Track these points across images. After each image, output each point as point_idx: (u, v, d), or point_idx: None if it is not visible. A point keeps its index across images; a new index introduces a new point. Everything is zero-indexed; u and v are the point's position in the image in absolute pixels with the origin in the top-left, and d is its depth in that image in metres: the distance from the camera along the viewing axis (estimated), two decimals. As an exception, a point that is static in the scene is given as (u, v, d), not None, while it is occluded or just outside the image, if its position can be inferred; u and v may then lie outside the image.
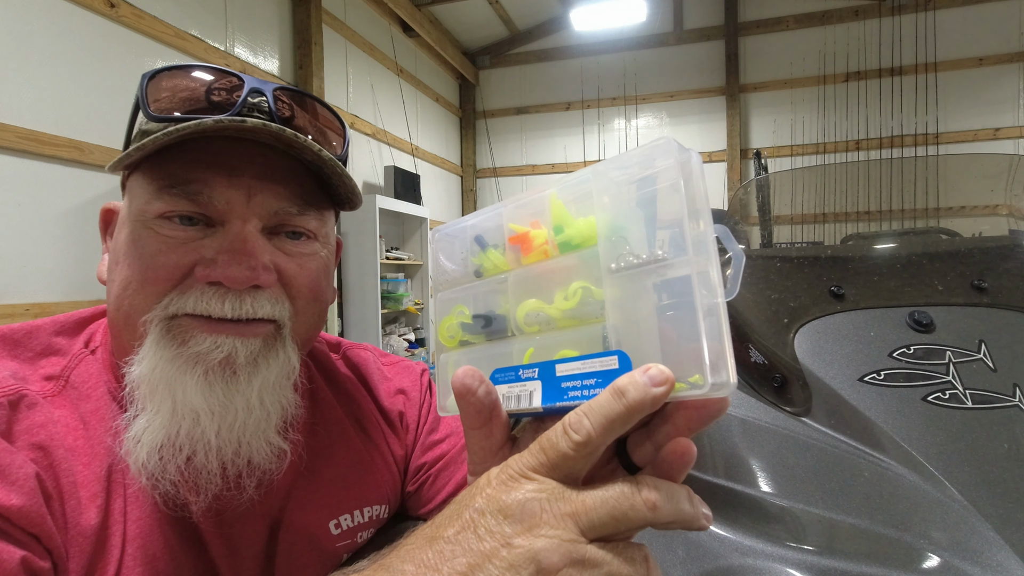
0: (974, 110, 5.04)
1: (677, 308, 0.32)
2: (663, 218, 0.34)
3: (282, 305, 0.51)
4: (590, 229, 0.36)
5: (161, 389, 0.47)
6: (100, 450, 0.49)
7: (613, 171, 0.36)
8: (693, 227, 0.32)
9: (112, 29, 2.68)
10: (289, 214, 0.52)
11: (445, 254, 0.45)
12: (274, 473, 0.53)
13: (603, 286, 0.35)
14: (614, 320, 0.35)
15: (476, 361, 0.41)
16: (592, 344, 0.36)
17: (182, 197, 0.48)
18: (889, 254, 1.22)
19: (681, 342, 0.32)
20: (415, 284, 5.06)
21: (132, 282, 0.48)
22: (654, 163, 0.34)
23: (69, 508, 0.46)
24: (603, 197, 0.37)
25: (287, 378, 0.53)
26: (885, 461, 0.78)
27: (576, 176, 0.38)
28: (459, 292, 0.44)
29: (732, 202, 2.26)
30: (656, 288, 0.33)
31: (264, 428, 0.51)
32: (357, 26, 4.55)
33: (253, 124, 0.47)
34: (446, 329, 0.44)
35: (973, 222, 1.62)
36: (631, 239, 0.35)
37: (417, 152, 5.32)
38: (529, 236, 0.39)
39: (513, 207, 0.41)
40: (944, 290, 1.02)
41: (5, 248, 2.25)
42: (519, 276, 0.40)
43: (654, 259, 0.33)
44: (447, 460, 0.69)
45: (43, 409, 0.48)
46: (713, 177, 5.70)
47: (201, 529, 0.52)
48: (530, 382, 0.38)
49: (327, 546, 0.60)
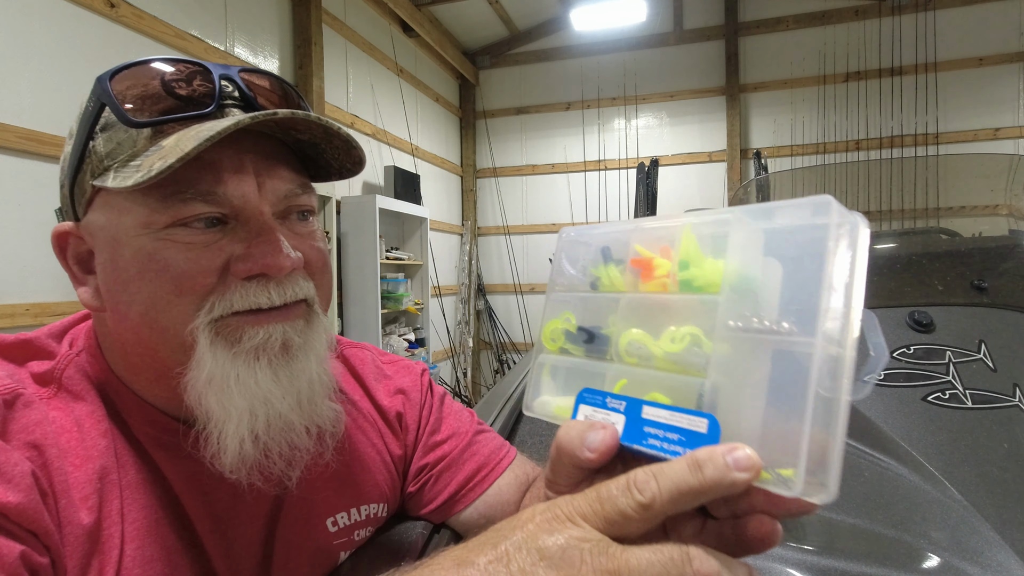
0: (974, 110, 5.04)
1: (789, 389, 0.29)
2: (803, 283, 0.30)
3: (309, 284, 0.53)
4: (716, 275, 0.34)
5: (233, 387, 0.48)
6: (93, 452, 0.49)
7: (758, 218, 0.33)
8: (835, 302, 0.28)
9: (112, 29, 2.67)
10: (295, 195, 0.53)
11: (568, 257, 0.44)
12: (339, 432, 0.58)
13: (714, 339, 0.33)
14: (716, 380, 0.32)
15: (571, 373, 0.41)
16: (686, 396, 0.34)
17: (197, 201, 0.47)
18: (889, 254, 1.22)
19: (783, 428, 0.29)
20: (415, 284, 5.06)
21: (162, 297, 0.47)
22: (810, 219, 0.30)
23: (63, 506, 0.46)
24: (738, 243, 0.33)
25: (330, 348, 0.56)
26: (885, 461, 0.78)
27: (716, 213, 0.36)
28: (571, 297, 0.43)
29: (732, 202, 2.25)
30: (772, 358, 0.30)
31: (324, 396, 0.54)
32: (357, 26, 4.54)
33: (284, 115, 0.47)
34: (550, 331, 0.44)
35: (973, 222, 1.62)
36: (759, 297, 0.32)
37: (417, 152, 5.32)
38: (652, 264, 0.38)
39: (644, 228, 0.40)
40: (944, 290, 1.02)
41: (5, 248, 2.25)
42: (632, 301, 0.39)
43: (778, 329, 0.30)
44: (448, 461, 0.69)
45: (38, 409, 0.48)
46: (713, 177, 5.70)
47: (198, 530, 0.52)
48: (615, 413, 0.37)
49: (324, 544, 0.60)
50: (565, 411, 0.41)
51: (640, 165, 4.42)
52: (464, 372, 6.03)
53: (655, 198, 4.32)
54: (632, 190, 5.21)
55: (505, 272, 6.36)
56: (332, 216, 3.80)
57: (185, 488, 0.52)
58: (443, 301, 5.49)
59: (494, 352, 6.38)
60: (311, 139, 0.52)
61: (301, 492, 0.59)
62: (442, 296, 5.44)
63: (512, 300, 6.33)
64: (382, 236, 4.26)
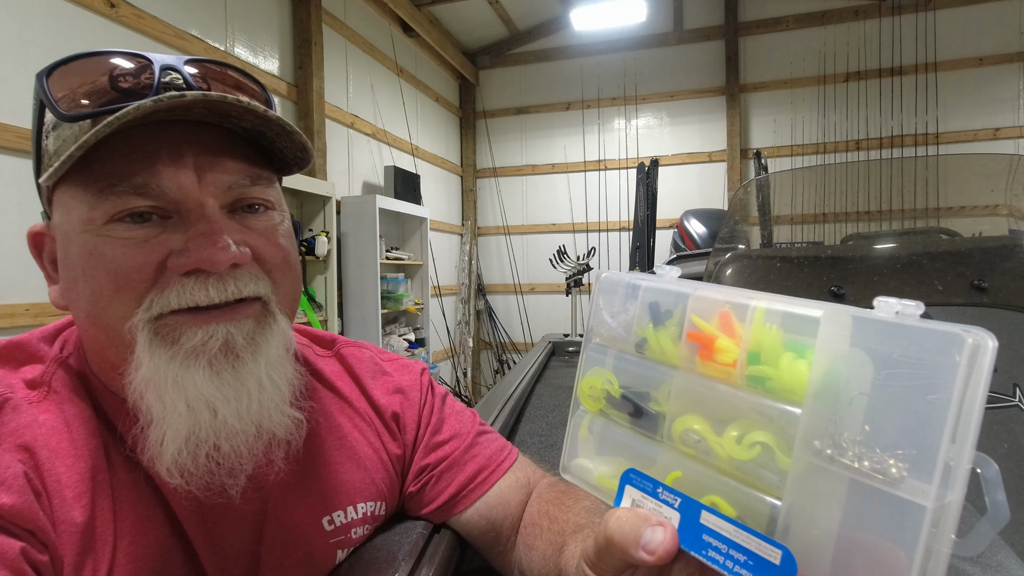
0: (974, 110, 5.04)
1: (886, 535, 0.25)
2: (914, 415, 0.25)
3: (262, 281, 0.51)
4: (798, 383, 0.28)
5: (170, 389, 0.46)
6: (84, 452, 0.49)
7: (866, 330, 0.27)
8: (954, 450, 0.24)
9: (112, 29, 2.67)
10: (243, 187, 0.50)
11: (608, 306, 0.39)
12: (298, 442, 0.54)
13: (793, 457, 0.28)
14: (793, 505, 0.28)
15: (615, 445, 0.37)
16: (753, 513, 0.30)
17: (130, 194, 0.45)
18: (889, 254, 1.22)
19: (864, 569, 0.25)
20: (415, 284, 5.06)
21: (103, 293, 0.46)
22: (927, 350, 0.25)
23: (56, 506, 0.46)
24: (826, 339, 0.28)
25: (287, 350, 0.53)
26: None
27: (803, 307, 0.30)
28: (614, 355, 0.38)
29: (732, 202, 2.26)
30: (865, 498, 0.26)
31: (278, 402, 0.51)
32: (357, 26, 4.54)
33: (194, 97, 0.43)
34: (588, 388, 0.39)
35: (973, 222, 1.62)
36: (841, 397, 0.27)
37: (417, 152, 5.32)
38: (714, 345, 0.32)
39: (704, 298, 0.34)
40: (944, 290, 1.02)
41: (5, 248, 2.25)
42: (688, 383, 0.34)
43: (883, 472, 0.25)
44: (450, 462, 0.69)
45: (27, 412, 0.48)
46: (713, 177, 5.70)
47: (186, 528, 0.52)
48: (667, 507, 0.33)
49: (320, 542, 0.60)
50: (607, 482, 0.37)
51: (640, 165, 4.42)
52: (464, 372, 6.03)
53: (655, 198, 4.32)
54: (632, 190, 5.21)
55: (505, 272, 6.36)
56: (332, 216, 3.80)
57: (171, 486, 0.52)
58: (443, 301, 5.49)
59: (494, 352, 6.38)
60: (253, 127, 0.49)
61: (294, 491, 0.59)
62: (442, 296, 5.44)
63: (512, 300, 6.33)
64: (382, 236, 4.26)
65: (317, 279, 3.83)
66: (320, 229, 3.75)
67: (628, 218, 5.58)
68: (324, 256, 3.72)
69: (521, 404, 1.39)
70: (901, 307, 0.27)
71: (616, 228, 5.87)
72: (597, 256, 5.71)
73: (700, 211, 3.43)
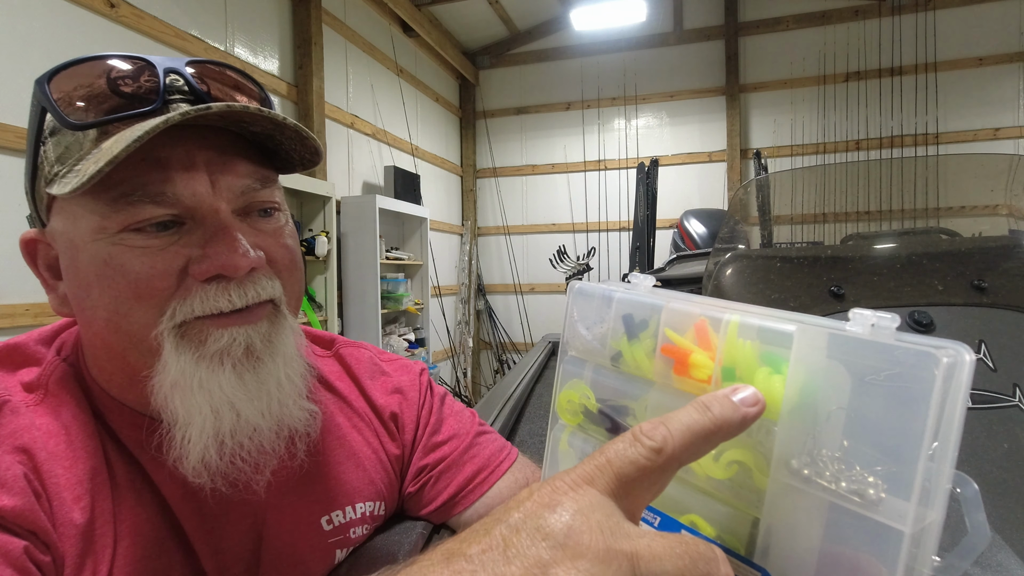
0: (974, 110, 5.04)
1: (857, 554, 0.25)
2: (891, 429, 0.25)
3: (274, 283, 0.52)
4: (773, 399, 0.28)
5: (196, 391, 0.47)
6: (82, 454, 0.49)
7: (842, 346, 0.27)
8: (933, 469, 0.24)
9: (112, 29, 2.67)
10: (254, 191, 0.51)
11: (581, 316, 0.38)
12: (315, 432, 0.57)
13: (769, 477, 0.28)
14: (772, 525, 0.28)
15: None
16: (732, 531, 0.29)
17: (146, 203, 0.45)
18: (889, 254, 1.22)
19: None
20: (415, 284, 5.06)
21: (124, 301, 0.46)
22: (902, 365, 0.25)
23: (56, 507, 0.46)
24: (802, 352, 0.27)
25: (299, 347, 0.54)
26: (885, 461, 0.78)
27: (776, 321, 0.29)
28: (589, 368, 0.38)
29: (732, 202, 2.26)
30: (843, 519, 0.26)
31: (295, 397, 0.53)
32: (357, 26, 4.54)
33: (219, 108, 0.44)
34: (566, 402, 0.38)
35: (973, 222, 1.62)
36: (829, 434, 0.26)
37: (417, 152, 5.32)
38: (688, 360, 0.32)
39: (676, 311, 0.33)
40: (944, 290, 1.02)
41: (5, 248, 2.25)
42: (664, 399, 0.33)
43: (861, 494, 0.25)
44: (449, 462, 0.69)
45: (25, 415, 0.48)
46: (713, 177, 5.70)
47: (185, 529, 0.52)
48: (646, 525, 0.32)
49: (318, 542, 0.60)
50: None
51: (640, 165, 4.43)
52: (464, 372, 6.03)
53: (655, 198, 4.32)
54: (632, 190, 5.22)
55: (505, 272, 6.36)
56: (332, 216, 3.80)
57: (171, 488, 0.52)
58: (443, 301, 5.49)
59: (494, 352, 6.38)
60: (264, 131, 0.50)
61: (292, 490, 0.59)
62: (442, 296, 5.44)
63: (512, 300, 6.33)
64: (382, 236, 4.26)
65: (317, 279, 3.83)
66: (320, 229, 3.75)
67: (628, 218, 5.59)
68: (324, 256, 3.72)
69: (521, 404, 1.39)
70: (876, 319, 0.26)
71: (616, 228, 5.87)
72: (597, 256, 5.71)
73: (700, 211, 3.43)
